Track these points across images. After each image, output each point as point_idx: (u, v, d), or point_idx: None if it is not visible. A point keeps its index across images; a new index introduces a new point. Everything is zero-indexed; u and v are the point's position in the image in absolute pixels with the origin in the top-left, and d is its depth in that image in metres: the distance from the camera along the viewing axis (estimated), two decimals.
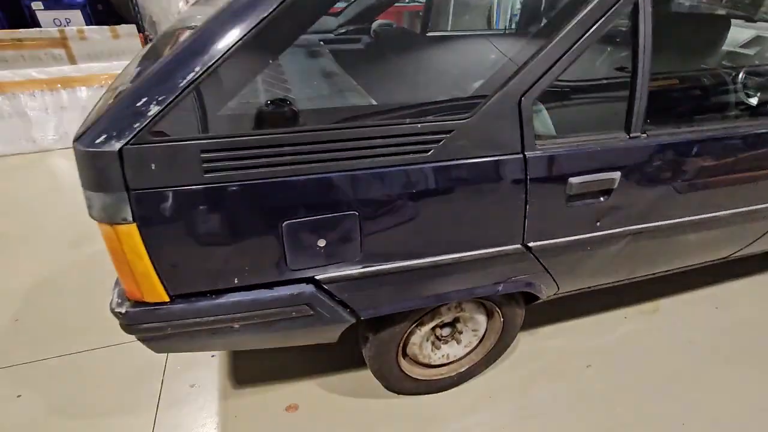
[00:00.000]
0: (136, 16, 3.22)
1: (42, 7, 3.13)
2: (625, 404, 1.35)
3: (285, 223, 0.85)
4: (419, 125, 0.85)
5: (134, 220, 0.78)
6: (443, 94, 0.96)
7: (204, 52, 0.74)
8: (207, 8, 1.56)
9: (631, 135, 1.01)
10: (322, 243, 0.89)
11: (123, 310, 0.88)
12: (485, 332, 1.33)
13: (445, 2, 2.50)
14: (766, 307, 1.73)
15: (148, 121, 0.73)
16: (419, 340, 1.24)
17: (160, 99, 0.73)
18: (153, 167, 0.75)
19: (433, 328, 1.26)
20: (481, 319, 1.28)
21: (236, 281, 0.90)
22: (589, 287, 1.34)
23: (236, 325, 0.95)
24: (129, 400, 1.37)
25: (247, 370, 1.46)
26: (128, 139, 0.73)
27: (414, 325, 1.19)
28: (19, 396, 1.39)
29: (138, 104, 0.73)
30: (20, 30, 3.11)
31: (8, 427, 1.29)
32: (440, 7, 2.49)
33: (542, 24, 1.57)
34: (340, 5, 2.04)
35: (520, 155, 0.93)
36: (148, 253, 0.81)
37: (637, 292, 1.76)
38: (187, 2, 3.66)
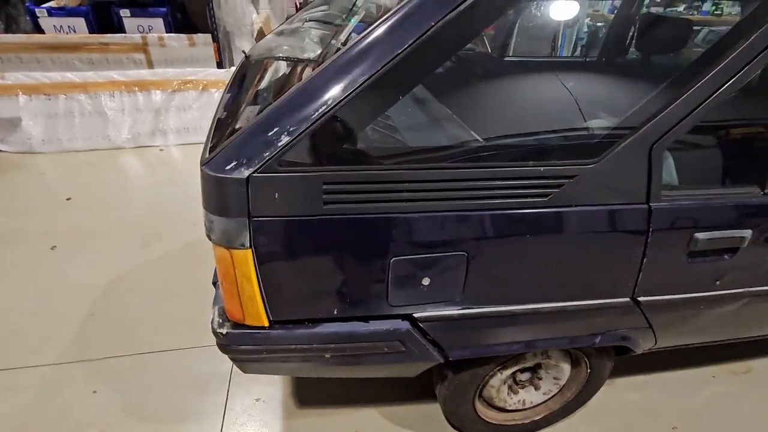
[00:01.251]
0: (212, 26, 3.37)
1: (129, 15, 3.34)
2: None
3: (393, 259, 0.83)
4: (542, 169, 0.81)
5: (251, 246, 0.78)
6: (560, 134, 0.91)
7: (336, 86, 0.74)
8: (291, 39, 1.61)
9: (765, 191, 0.92)
10: (426, 281, 0.86)
11: (224, 331, 0.88)
12: (567, 381, 1.25)
13: (511, 24, 2.44)
14: None
15: (277, 150, 0.73)
16: (498, 383, 1.18)
17: (291, 130, 0.73)
18: (276, 196, 0.75)
19: (513, 372, 1.20)
20: (566, 367, 1.21)
21: (335, 312, 0.88)
22: (687, 344, 1.24)
23: (328, 355, 0.93)
24: (196, 407, 1.39)
25: (312, 391, 1.45)
26: (257, 167, 0.73)
27: (497, 368, 1.13)
28: (94, 392, 1.43)
29: (269, 133, 0.73)
30: (107, 35, 3.33)
31: (87, 421, 1.34)
32: (510, 30, 2.43)
33: (659, 61, 1.46)
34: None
35: (645, 206, 0.87)
36: (258, 278, 0.81)
37: (727, 349, 1.61)
38: (258, 13, 3.82)
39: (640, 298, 0.98)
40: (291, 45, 1.55)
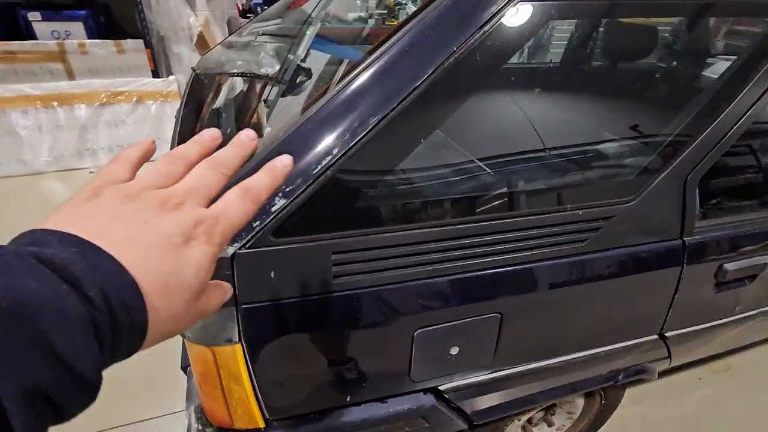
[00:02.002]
0: (144, 30, 2.99)
1: (39, 18, 2.87)
2: None
3: (418, 331, 0.69)
4: (580, 212, 0.70)
5: (240, 341, 0.60)
6: (596, 171, 0.82)
7: (341, 131, 0.58)
8: (244, 53, 1.40)
9: None
10: (455, 351, 0.73)
11: None
12: (581, 414, 1.18)
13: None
14: None
15: (271, 218, 0.56)
16: (515, 429, 1.08)
17: (287, 190, 0.56)
18: (272, 275, 0.58)
19: (530, 416, 1.11)
20: (580, 402, 1.14)
21: (348, 399, 0.73)
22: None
23: None
24: None
25: None
26: (244, 241, 0.56)
27: (516, 416, 1.03)
28: None
29: None
30: (13, 42, 2.84)
31: None
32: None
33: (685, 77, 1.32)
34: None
35: (679, 241, 0.79)
36: (251, 377, 0.63)
37: None
38: (196, 16, 3.47)
39: (668, 334, 0.92)
40: (245, 59, 1.36)
